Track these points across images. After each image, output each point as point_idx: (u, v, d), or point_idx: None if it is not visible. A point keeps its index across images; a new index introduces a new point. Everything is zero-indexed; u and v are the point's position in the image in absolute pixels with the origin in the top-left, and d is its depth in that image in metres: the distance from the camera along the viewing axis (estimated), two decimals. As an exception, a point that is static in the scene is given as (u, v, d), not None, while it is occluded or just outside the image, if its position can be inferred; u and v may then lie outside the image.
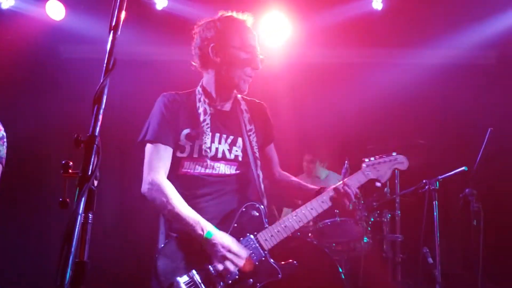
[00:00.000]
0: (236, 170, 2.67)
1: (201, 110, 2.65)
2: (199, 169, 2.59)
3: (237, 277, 2.43)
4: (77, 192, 1.38)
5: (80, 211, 1.36)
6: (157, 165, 2.53)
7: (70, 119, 5.41)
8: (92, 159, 1.42)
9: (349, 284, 4.69)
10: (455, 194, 4.77)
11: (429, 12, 5.97)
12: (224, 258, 2.40)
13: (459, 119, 6.37)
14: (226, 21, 2.67)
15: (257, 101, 2.91)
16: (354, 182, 2.71)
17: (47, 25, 6.00)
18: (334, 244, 5.12)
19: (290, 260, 2.62)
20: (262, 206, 2.62)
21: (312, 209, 2.62)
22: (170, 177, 2.56)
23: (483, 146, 4.56)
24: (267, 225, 2.58)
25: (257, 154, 2.72)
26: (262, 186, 2.71)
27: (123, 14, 1.68)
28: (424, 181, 4.86)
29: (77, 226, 1.35)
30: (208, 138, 2.58)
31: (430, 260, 4.72)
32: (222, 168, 2.63)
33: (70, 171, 1.44)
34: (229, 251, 2.41)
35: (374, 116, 6.33)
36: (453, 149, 6.24)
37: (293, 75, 6.43)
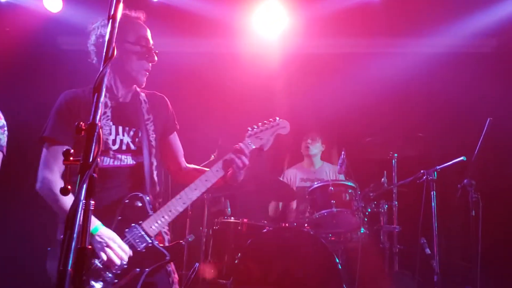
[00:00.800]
0: (135, 161, 2.75)
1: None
2: (108, 161, 2.69)
3: (125, 266, 2.53)
4: (78, 179, 1.40)
5: (82, 198, 1.39)
6: (51, 163, 2.63)
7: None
8: (93, 146, 1.44)
9: (346, 275, 4.71)
10: (453, 185, 4.77)
11: (428, 1, 5.96)
12: (108, 249, 2.49)
13: (458, 109, 6.37)
14: (121, 18, 2.67)
15: (158, 93, 3.02)
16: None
17: (45, 17, 6.01)
18: (330, 235, 5.15)
19: (177, 241, 2.69)
20: (146, 196, 2.68)
21: (195, 189, 2.69)
22: None
23: (482, 136, 4.56)
24: (151, 213, 2.65)
25: (153, 143, 2.80)
26: (155, 173, 2.78)
27: (121, 4, 1.70)
28: (422, 171, 4.88)
29: (79, 212, 1.38)
30: (111, 130, 2.71)
31: (428, 250, 4.74)
32: (130, 160, 2.74)
33: (71, 158, 1.46)
34: (113, 242, 2.51)
35: (372, 107, 6.33)
36: (452, 140, 6.25)
37: (290, 66, 6.43)
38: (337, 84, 6.33)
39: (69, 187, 1.44)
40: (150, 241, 2.60)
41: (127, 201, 2.64)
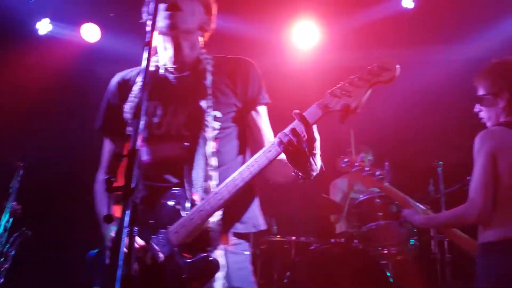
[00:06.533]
0: (184, 149, 2.26)
1: None
2: (150, 151, 2.31)
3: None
4: (122, 206, 1.40)
5: (126, 225, 1.39)
6: (101, 159, 2.48)
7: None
8: (134, 172, 1.45)
9: (397, 288, 4.60)
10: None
11: (461, 7, 5.85)
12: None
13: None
14: None
15: (235, 58, 2.50)
16: (308, 116, 1.99)
17: (84, 48, 6.20)
18: (380, 248, 5.04)
19: (203, 255, 2.08)
20: (183, 191, 2.15)
21: (239, 179, 2.05)
22: None
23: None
24: (184, 213, 2.10)
25: (210, 124, 2.23)
26: (210, 163, 2.19)
27: (156, 32, 1.72)
28: (468, 178, 4.72)
29: (123, 240, 1.38)
30: (155, 110, 2.35)
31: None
32: (177, 148, 2.29)
33: (113, 186, 1.47)
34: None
35: (411, 116, 6.24)
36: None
37: (328, 78, 6.41)
38: (376, 95, 6.23)
39: (111, 215, 1.45)
40: (171, 251, 2.08)
41: (163, 200, 2.15)
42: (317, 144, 2.03)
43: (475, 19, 5.96)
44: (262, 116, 2.39)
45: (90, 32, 6.16)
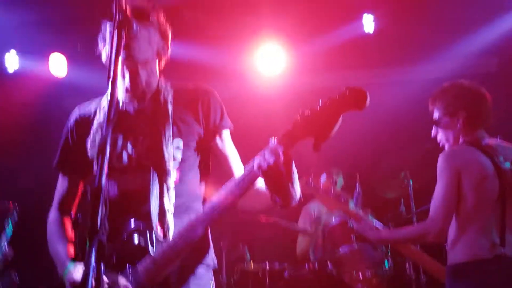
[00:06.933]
0: (144, 180, 2.20)
1: None
2: (111, 184, 2.26)
3: None
4: (87, 244, 1.40)
5: (92, 263, 1.38)
6: (54, 197, 2.39)
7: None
8: (100, 210, 1.44)
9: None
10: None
11: (422, 28, 6.01)
12: None
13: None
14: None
15: (193, 85, 2.47)
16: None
17: (52, 82, 6.18)
18: (354, 272, 5.04)
19: None
20: (145, 225, 2.07)
21: (213, 207, 2.01)
22: None
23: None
24: (151, 249, 2.04)
25: (170, 152, 2.20)
26: (168, 195, 2.15)
27: (119, 65, 1.73)
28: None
29: (91, 277, 1.37)
30: (116, 142, 2.30)
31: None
32: (138, 180, 2.24)
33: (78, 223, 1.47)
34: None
35: (379, 137, 6.32)
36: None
37: (294, 102, 6.48)
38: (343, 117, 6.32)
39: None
40: None
41: (127, 235, 2.05)
42: (295, 168, 1.98)
43: (434, 40, 6.12)
44: (226, 142, 2.35)
45: (58, 65, 6.16)
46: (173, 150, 2.19)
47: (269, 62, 6.37)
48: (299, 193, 2.05)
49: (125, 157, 2.21)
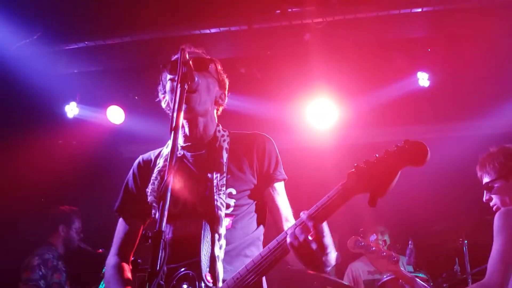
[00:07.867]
0: (196, 227, 2.23)
1: None
2: (166, 230, 2.29)
3: None
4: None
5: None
6: (114, 241, 2.46)
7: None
8: (160, 254, 1.48)
9: None
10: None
11: (476, 83, 5.94)
12: None
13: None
14: None
15: (251, 133, 2.55)
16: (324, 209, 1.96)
17: (109, 129, 6.42)
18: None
19: None
20: (195, 273, 2.06)
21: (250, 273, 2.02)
22: None
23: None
24: None
25: (219, 202, 2.23)
26: (219, 246, 2.15)
27: (181, 117, 1.80)
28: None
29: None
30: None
31: None
32: (192, 227, 2.28)
33: (139, 268, 1.50)
34: None
35: (434, 194, 6.17)
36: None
37: (346, 157, 6.46)
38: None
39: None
40: None
41: (176, 283, 2.04)
42: (327, 240, 1.93)
43: (491, 96, 6.03)
44: (279, 193, 2.37)
45: (115, 114, 6.40)
46: (226, 198, 2.23)
47: (321, 116, 6.37)
48: (334, 260, 2.01)
49: (179, 203, 2.26)
